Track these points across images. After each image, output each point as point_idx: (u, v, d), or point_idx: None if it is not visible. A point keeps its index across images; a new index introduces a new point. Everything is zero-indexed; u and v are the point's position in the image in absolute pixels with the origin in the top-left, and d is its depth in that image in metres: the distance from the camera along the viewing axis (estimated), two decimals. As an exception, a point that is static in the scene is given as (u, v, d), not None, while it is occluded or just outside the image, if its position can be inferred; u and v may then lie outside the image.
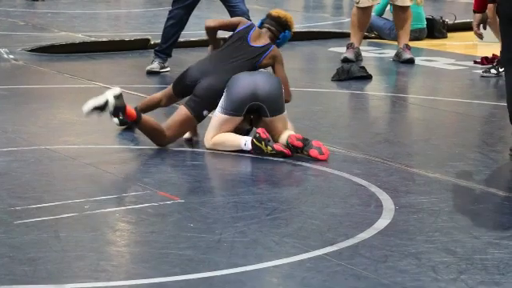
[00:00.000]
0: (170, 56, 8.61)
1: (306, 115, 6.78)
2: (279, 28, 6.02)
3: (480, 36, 6.08)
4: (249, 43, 5.91)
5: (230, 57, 5.88)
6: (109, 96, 5.53)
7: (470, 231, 4.36)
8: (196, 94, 5.76)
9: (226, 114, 5.68)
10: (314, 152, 5.49)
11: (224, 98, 5.69)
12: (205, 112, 5.77)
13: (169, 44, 8.51)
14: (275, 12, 6.08)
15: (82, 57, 9.45)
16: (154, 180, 5.15)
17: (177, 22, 8.43)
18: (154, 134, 5.71)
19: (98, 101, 5.55)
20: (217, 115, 5.71)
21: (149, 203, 4.72)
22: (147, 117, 5.75)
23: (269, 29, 6.01)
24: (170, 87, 6.08)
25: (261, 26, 6.05)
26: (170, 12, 8.51)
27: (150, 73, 8.47)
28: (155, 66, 8.50)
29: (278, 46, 6.00)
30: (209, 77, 5.77)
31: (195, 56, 9.79)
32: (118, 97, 5.53)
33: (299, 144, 5.51)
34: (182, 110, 5.79)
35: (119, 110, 5.52)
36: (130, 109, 5.63)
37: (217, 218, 4.55)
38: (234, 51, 5.91)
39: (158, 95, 6.18)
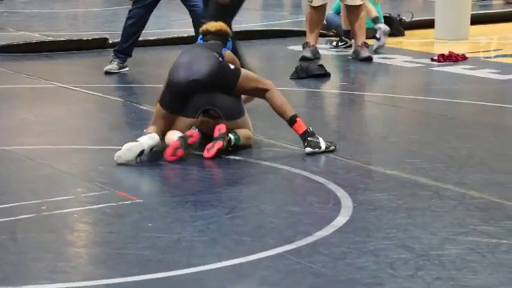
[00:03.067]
0: (130, 56, 8.56)
1: (265, 113, 6.79)
2: (223, 40, 5.98)
3: None
4: None
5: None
6: (145, 146, 5.43)
7: (427, 228, 4.40)
8: None
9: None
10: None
11: None
12: None
13: (129, 44, 8.47)
14: (211, 27, 6.00)
15: (39, 56, 9.39)
16: (112, 180, 5.13)
17: (136, 21, 8.40)
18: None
19: (131, 153, 5.39)
20: None
21: (107, 203, 4.70)
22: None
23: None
24: None
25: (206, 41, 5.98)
26: (130, 11, 8.46)
27: (108, 73, 8.41)
28: (114, 66, 8.44)
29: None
30: None
31: (154, 55, 9.80)
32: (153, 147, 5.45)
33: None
34: None
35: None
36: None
37: (175, 218, 4.54)
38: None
39: None
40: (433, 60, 9.34)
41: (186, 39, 10.25)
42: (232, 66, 5.76)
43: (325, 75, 8.44)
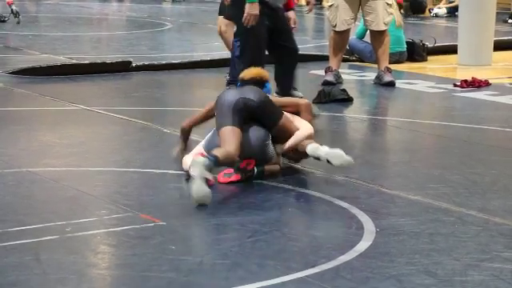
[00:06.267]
0: None
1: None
2: (260, 86, 5.99)
3: None
4: None
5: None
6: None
7: (450, 253, 4.38)
8: None
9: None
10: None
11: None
12: None
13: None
14: (246, 75, 6.00)
15: (63, 79, 9.45)
16: (135, 202, 5.14)
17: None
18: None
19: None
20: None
21: (130, 225, 4.71)
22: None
23: None
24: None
25: None
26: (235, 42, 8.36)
27: None
28: None
29: None
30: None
31: (177, 79, 9.85)
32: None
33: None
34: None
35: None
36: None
37: (198, 241, 4.55)
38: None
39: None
40: (455, 85, 9.33)
41: (208, 63, 10.33)
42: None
43: (347, 100, 8.45)
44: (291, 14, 8.02)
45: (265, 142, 5.68)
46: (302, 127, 5.81)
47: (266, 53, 7.73)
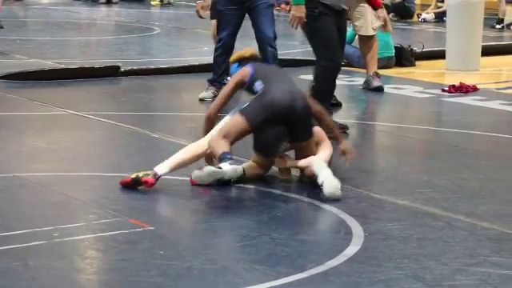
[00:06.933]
0: (224, 84, 8.63)
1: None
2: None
3: None
4: None
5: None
6: (226, 177, 5.40)
7: (438, 258, 4.39)
8: None
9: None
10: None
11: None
12: None
13: (221, 72, 8.61)
14: (246, 52, 6.02)
15: (51, 84, 9.43)
16: (123, 207, 5.13)
17: (223, 50, 8.53)
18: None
19: (211, 178, 5.42)
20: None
21: (118, 230, 4.70)
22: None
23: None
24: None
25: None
26: (217, 42, 8.61)
27: (202, 100, 8.53)
28: (209, 94, 8.61)
29: None
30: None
31: (165, 83, 9.84)
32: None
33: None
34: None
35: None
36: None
37: (187, 246, 4.55)
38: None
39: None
40: (443, 91, 9.36)
41: (197, 67, 10.33)
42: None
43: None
44: (380, 13, 7.70)
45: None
46: (320, 153, 5.67)
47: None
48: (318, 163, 5.50)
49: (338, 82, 9.81)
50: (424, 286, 4.03)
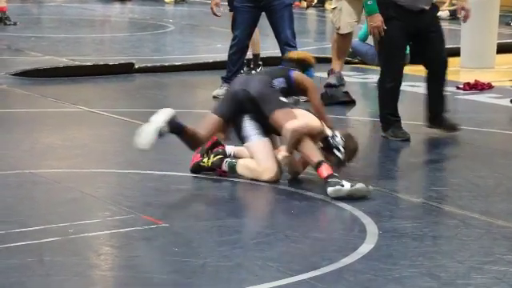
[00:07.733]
0: None
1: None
2: (300, 68, 6.11)
3: None
4: None
5: None
6: (160, 123, 5.66)
7: (453, 256, 4.37)
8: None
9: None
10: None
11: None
12: None
13: (235, 70, 8.59)
14: (293, 55, 6.29)
15: (65, 81, 9.45)
16: (138, 204, 5.14)
17: (238, 48, 8.52)
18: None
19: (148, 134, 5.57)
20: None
21: (133, 227, 4.71)
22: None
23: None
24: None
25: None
26: (232, 40, 8.57)
27: (216, 98, 8.49)
28: (222, 91, 8.55)
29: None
30: None
31: (179, 80, 9.85)
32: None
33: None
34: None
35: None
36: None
37: (201, 243, 4.55)
38: None
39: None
40: (458, 88, 9.33)
41: (210, 65, 10.33)
42: (282, 99, 5.77)
43: (350, 102, 8.44)
44: (465, 4, 7.32)
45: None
46: (292, 121, 5.57)
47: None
48: (332, 191, 5.31)
49: (351, 79, 9.87)
50: (439, 284, 4.01)
